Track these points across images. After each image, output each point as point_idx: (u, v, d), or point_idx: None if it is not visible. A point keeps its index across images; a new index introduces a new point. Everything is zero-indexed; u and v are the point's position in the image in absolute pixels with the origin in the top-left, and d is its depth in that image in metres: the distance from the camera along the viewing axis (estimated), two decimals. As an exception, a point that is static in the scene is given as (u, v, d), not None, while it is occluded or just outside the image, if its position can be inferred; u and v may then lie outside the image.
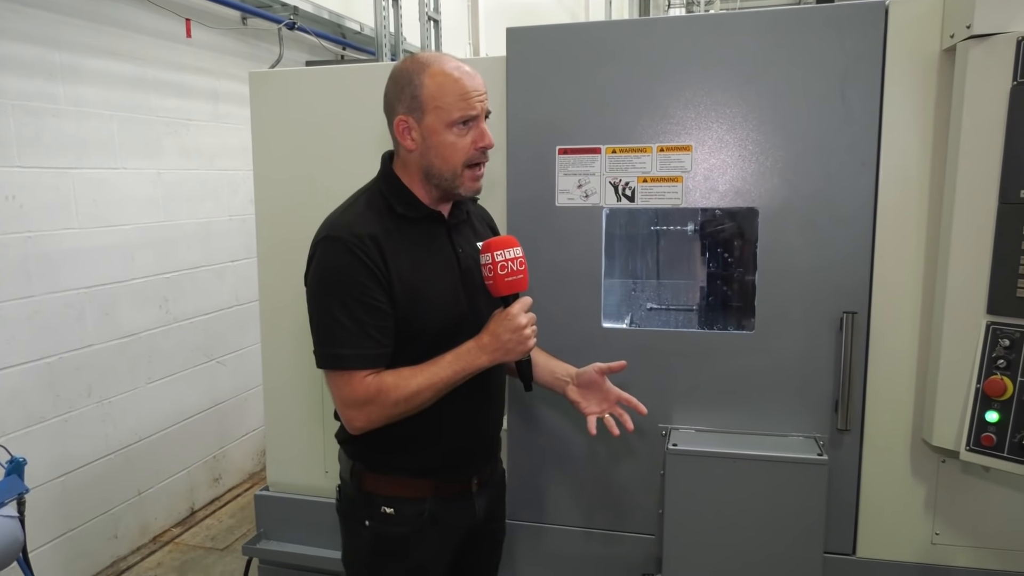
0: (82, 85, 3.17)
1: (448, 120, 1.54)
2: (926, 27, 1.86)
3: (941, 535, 2.02)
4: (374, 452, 1.67)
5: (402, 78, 1.58)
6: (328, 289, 1.53)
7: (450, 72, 1.54)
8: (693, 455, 1.96)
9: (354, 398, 1.53)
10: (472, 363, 1.55)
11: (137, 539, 3.56)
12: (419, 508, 1.66)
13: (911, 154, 1.91)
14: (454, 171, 1.57)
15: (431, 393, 1.53)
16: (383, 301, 1.52)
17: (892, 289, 1.96)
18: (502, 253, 1.57)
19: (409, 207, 1.61)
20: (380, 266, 1.51)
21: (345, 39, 4.99)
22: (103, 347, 3.33)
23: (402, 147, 1.61)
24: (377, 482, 1.67)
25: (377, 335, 1.52)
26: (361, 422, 1.55)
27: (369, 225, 1.55)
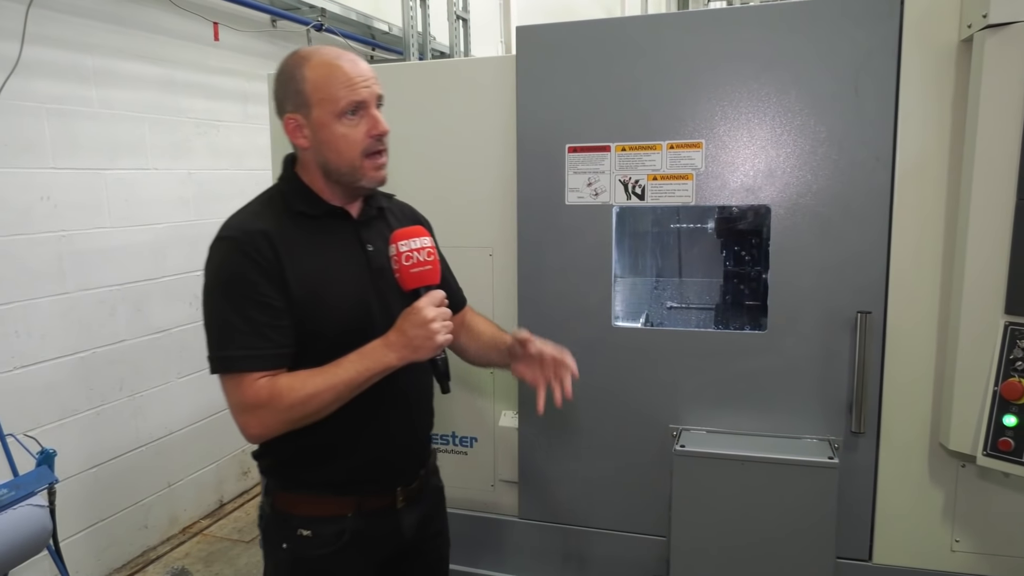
0: (114, 88, 3.26)
1: (335, 110, 1.45)
2: (943, 18, 1.81)
3: (961, 542, 1.96)
4: (287, 468, 1.56)
5: (284, 76, 1.50)
6: (218, 289, 1.43)
7: (331, 61, 1.47)
8: (701, 456, 1.93)
9: (245, 402, 1.40)
10: (379, 362, 1.42)
11: (166, 530, 3.65)
12: (339, 527, 1.54)
13: (928, 149, 1.86)
14: (351, 163, 1.49)
15: (332, 395, 1.41)
16: (277, 299, 1.42)
17: (909, 288, 1.91)
18: (407, 243, 1.48)
19: (308, 204, 1.52)
20: (273, 263, 1.42)
21: (374, 40, 5.04)
22: (135, 342, 3.42)
23: (297, 146, 1.53)
24: (292, 501, 1.55)
25: (272, 334, 1.41)
26: (255, 428, 1.42)
27: (262, 222, 1.46)
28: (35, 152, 2.93)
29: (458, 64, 2.36)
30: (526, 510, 2.32)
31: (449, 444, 2.46)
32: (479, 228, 2.31)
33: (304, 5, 4.17)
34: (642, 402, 2.15)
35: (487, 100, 2.24)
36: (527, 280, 2.21)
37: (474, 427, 2.43)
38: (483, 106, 2.25)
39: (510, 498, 2.37)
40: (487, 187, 2.28)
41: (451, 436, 2.45)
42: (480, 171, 2.28)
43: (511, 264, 2.26)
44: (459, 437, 2.45)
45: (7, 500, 2.26)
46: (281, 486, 1.57)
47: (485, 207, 2.29)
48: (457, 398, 2.42)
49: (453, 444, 2.45)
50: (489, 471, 2.42)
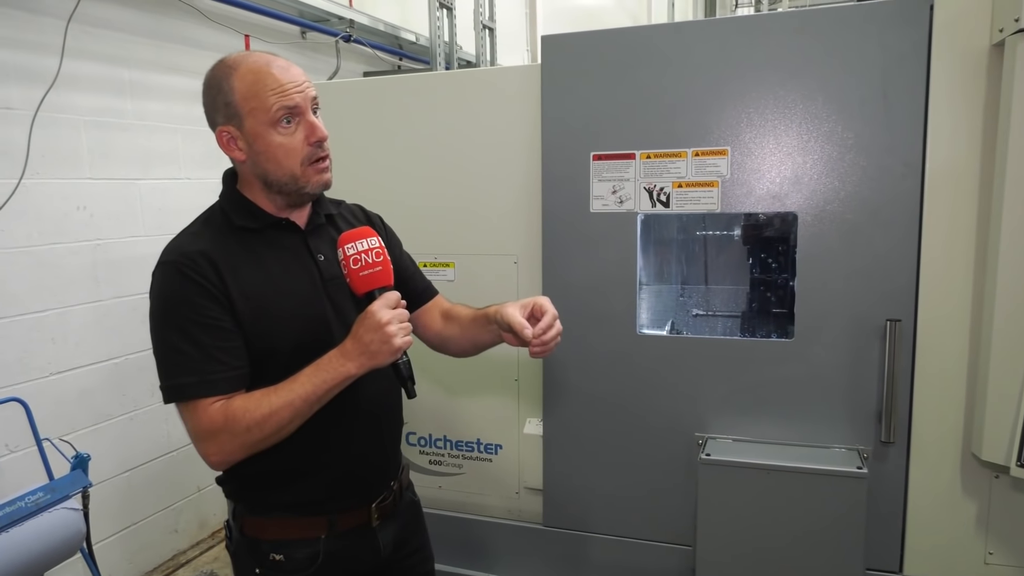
0: (148, 100, 3.34)
1: (269, 119, 1.37)
2: (974, 22, 1.79)
3: (995, 554, 1.92)
4: (253, 491, 1.49)
5: (212, 87, 1.42)
6: (163, 317, 1.37)
7: (259, 68, 1.38)
8: (726, 465, 1.92)
9: (202, 429, 1.34)
10: (336, 373, 1.34)
11: (196, 534, 3.70)
12: (312, 550, 1.48)
13: (959, 155, 1.83)
14: (292, 173, 1.41)
15: (289, 413, 1.33)
16: (224, 320, 1.37)
17: (940, 295, 1.88)
18: (353, 246, 1.40)
19: (249, 217, 1.45)
20: (216, 284, 1.37)
21: (402, 50, 5.10)
22: (166, 349, 3.48)
23: (234, 160, 1.46)
24: (261, 525, 1.49)
25: (223, 356, 1.35)
26: (215, 455, 1.36)
27: (202, 243, 1.40)
28: (72, 163, 3.00)
29: (483, 73, 2.38)
30: (551, 518, 2.32)
31: (474, 451, 2.47)
32: (504, 236, 2.32)
33: (333, 17, 4.24)
34: (667, 410, 2.14)
35: (513, 108, 2.25)
36: (552, 288, 2.22)
37: (499, 434, 2.44)
38: (508, 114, 2.27)
39: (535, 505, 2.37)
40: (512, 195, 2.29)
41: (476, 443, 2.46)
42: (505, 179, 2.30)
43: (536, 272, 2.26)
44: (484, 444, 2.46)
45: (43, 503, 2.31)
46: (248, 510, 1.50)
47: (510, 215, 2.30)
48: (482, 405, 2.44)
49: (478, 451, 2.46)
50: (514, 478, 2.42)
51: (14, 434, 2.73)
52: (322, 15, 4.19)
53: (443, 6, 4.84)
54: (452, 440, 2.49)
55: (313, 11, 4.12)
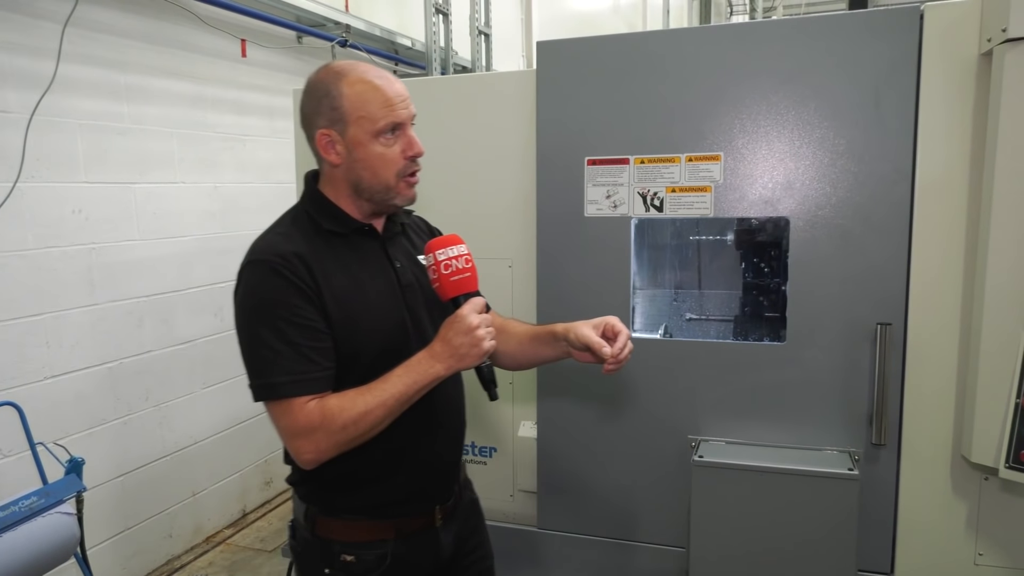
0: (145, 104, 3.35)
1: (374, 130, 1.43)
2: (963, 31, 1.81)
3: (985, 556, 1.94)
4: (328, 493, 1.53)
5: (319, 90, 1.46)
6: (255, 315, 1.39)
7: (370, 79, 1.44)
8: (719, 467, 1.94)
9: (297, 427, 1.37)
10: (426, 374, 1.39)
11: (191, 539, 3.70)
12: (381, 551, 1.52)
13: (949, 161, 1.86)
14: (386, 183, 1.47)
15: (383, 412, 1.37)
16: (318, 320, 1.39)
17: (930, 300, 1.91)
18: (444, 252, 1.43)
19: (337, 222, 1.49)
20: (310, 285, 1.39)
21: (397, 55, 5.11)
22: (161, 353, 3.48)
23: (326, 162, 1.49)
24: (334, 527, 1.52)
25: (316, 356, 1.38)
26: (310, 453, 1.38)
27: (294, 244, 1.43)
28: (68, 167, 3.01)
29: (479, 78, 2.40)
30: (545, 520, 2.33)
31: (468, 454, 2.48)
32: (499, 239, 2.34)
33: (329, 22, 4.25)
34: (661, 413, 2.16)
35: (508, 113, 2.27)
36: (546, 291, 2.23)
37: (493, 437, 2.45)
38: (504, 119, 2.28)
39: (529, 508, 2.38)
40: (507, 199, 2.31)
41: (470, 446, 2.47)
42: (501, 183, 2.32)
43: (530, 275, 2.28)
44: (478, 447, 2.47)
45: (37, 508, 2.31)
46: (322, 511, 1.53)
47: (505, 219, 2.32)
48: (476, 408, 2.45)
49: (472, 454, 2.47)
50: (508, 481, 2.43)
51: (8, 438, 2.72)
52: (318, 20, 4.21)
53: (439, 11, 4.86)
54: (447, 443, 2.50)
55: (310, 16, 4.13)
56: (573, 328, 1.56)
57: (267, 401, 1.39)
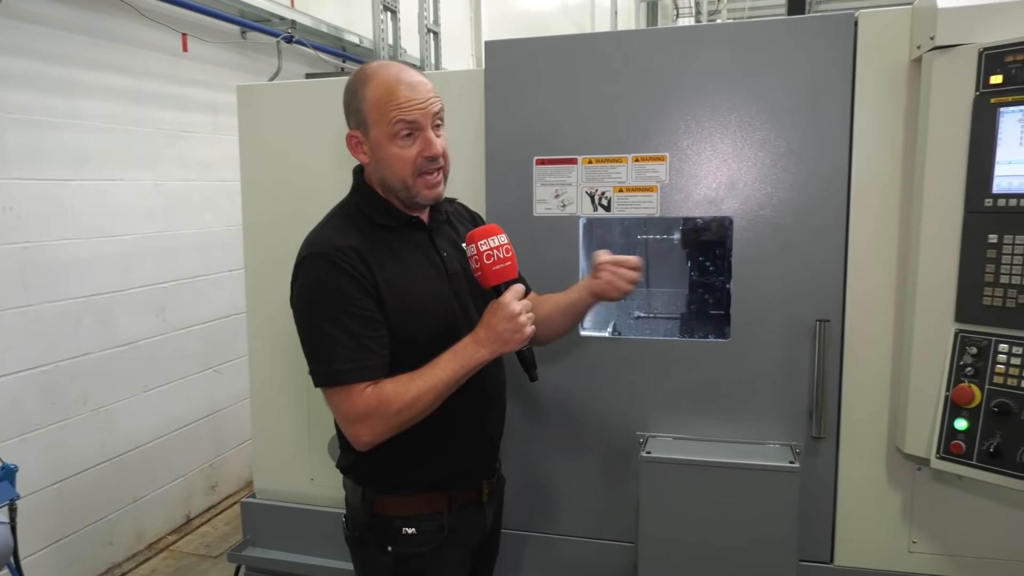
0: (80, 98, 3.24)
1: (389, 132, 1.51)
2: (894, 38, 1.88)
3: (918, 543, 2.02)
4: (383, 473, 1.62)
5: (349, 92, 1.57)
6: (316, 306, 1.50)
7: (390, 82, 1.51)
8: (666, 462, 1.97)
9: (356, 412, 1.48)
10: (471, 359, 1.49)
11: (132, 546, 3.60)
12: (438, 523, 1.62)
13: (882, 163, 1.93)
14: (404, 182, 1.56)
15: (434, 395, 1.48)
16: (374, 311, 1.50)
17: (866, 297, 1.97)
18: (486, 242, 1.53)
19: (387, 216, 1.60)
20: (367, 276, 1.50)
21: (345, 52, 5.05)
22: (100, 355, 3.38)
23: (360, 162, 1.62)
24: (392, 503, 1.62)
25: (373, 346, 1.49)
26: (367, 436, 1.49)
27: (350, 237, 1.53)
28: (-2, 162, 2.90)
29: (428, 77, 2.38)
30: (496, 519, 2.33)
31: (419, 454, 2.46)
32: (449, 239, 2.33)
33: (275, 17, 4.18)
34: (610, 410, 2.18)
35: (456, 113, 2.25)
36: (496, 290, 2.23)
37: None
38: (452, 118, 2.26)
39: (480, 507, 2.38)
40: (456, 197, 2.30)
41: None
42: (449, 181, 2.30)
43: (480, 275, 2.28)
44: (429, 447, 2.46)
45: (-33, 516, 2.22)
46: (379, 490, 1.62)
47: (455, 218, 2.31)
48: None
49: (423, 454, 2.46)
50: (459, 481, 2.43)
51: (-65, 445, 2.61)
52: (263, 15, 4.13)
53: (387, 9, 4.83)
54: (397, 444, 2.48)
55: (254, 11, 4.06)
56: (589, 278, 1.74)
57: (328, 387, 1.50)
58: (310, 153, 2.42)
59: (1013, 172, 1.63)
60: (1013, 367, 1.64)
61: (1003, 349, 1.66)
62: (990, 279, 1.67)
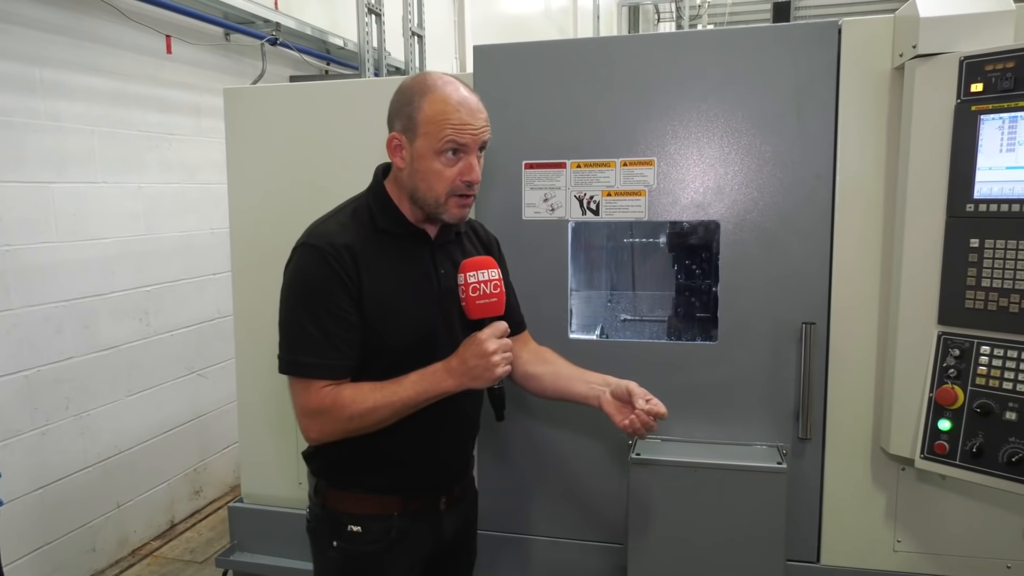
0: (63, 100, 3.20)
1: (437, 148, 1.51)
2: (877, 46, 1.91)
3: (903, 542, 2.05)
4: (338, 470, 1.64)
5: (404, 96, 1.56)
6: (300, 297, 1.53)
7: (451, 101, 1.51)
8: (655, 464, 1.99)
9: (310, 407, 1.51)
10: (437, 385, 1.50)
11: (115, 552, 3.56)
12: (386, 525, 1.62)
13: (865, 168, 1.96)
14: (437, 199, 1.55)
15: (389, 412, 1.50)
16: (352, 313, 1.51)
17: (850, 300, 2.00)
18: (475, 275, 1.53)
19: (392, 222, 1.60)
20: (352, 276, 1.51)
21: (329, 54, 5.04)
22: (82, 360, 3.34)
23: (393, 164, 1.60)
24: (342, 499, 1.64)
25: (342, 346, 1.51)
26: (315, 433, 1.53)
27: (348, 236, 1.54)
28: (-21, 165, 2.86)
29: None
30: (485, 521, 2.33)
31: (408, 458, 2.46)
32: (438, 243, 2.33)
33: (259, 19, 4.16)
34: (599, 413, 2.19)
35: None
36: (485, 294, 2.24)
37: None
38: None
39: (469, 510, 2.39)
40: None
41: (410, 450, 2.46)
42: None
43: (469, 278, 2.28)
44: (418, 451, 2.46)
45: (-51, 524, 2.19)
46: (331, 484, 1.64)
47: (444, 222, 2.32)
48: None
49: (412, 458, 2.46)
50: (448, 484, 2.43)
51: (-86, 452, 2.57)
52: (247, 17, 4.11)
53: (372, 12, 4.82)
54: (385, 447, 2.48)
55: (238, 13, 4.03)
56: (625, 384, 1.67)
57: (290, 376, 1.53)
58: (297, 155, 2.41)
59: (994, 178, 1.67)
60: (995, 368, 1.68)
61: (985, 351, 1.69)
62: (972, 282, 1.71)
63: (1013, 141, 1.64)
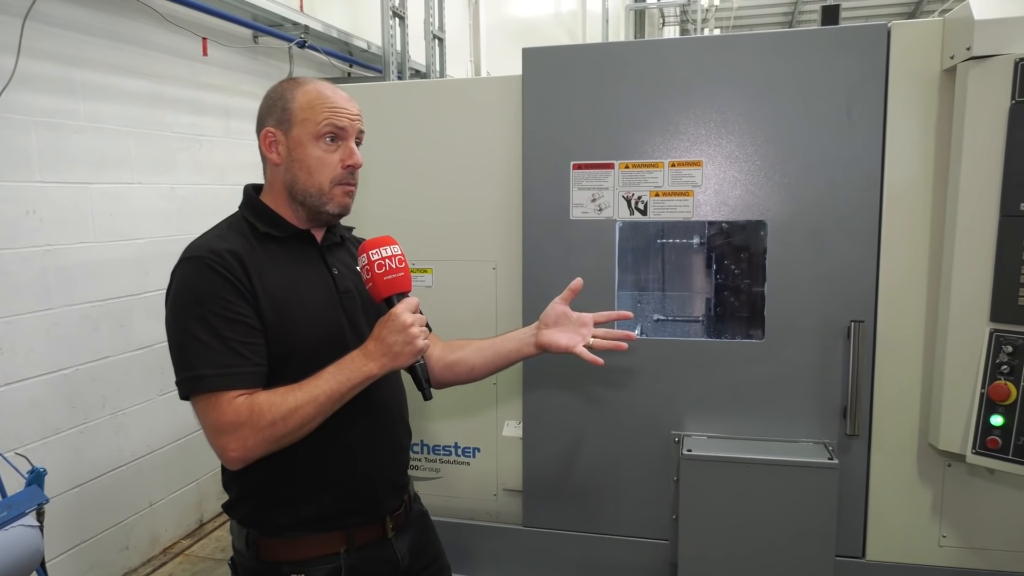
0: (101, 102, 3.24)
1: (315, 132, 1.47)
2: (927, 48, 1.95)
3: (948, 537, 2.08)
4: (267, 512, 1.48)
5: (275, 94, 1.53)
6: (184, 308, 1.38)
7: (323, 90, 1.51)
8: (708, 460, 2.02)
9: (223, 422, 1.34)
10: (358, 371, 1.38)
11: (147, 550, 3.58)
12: (333, 566, 1.48)
13: (914, 169, 1.99)
14: (320, 187, 1.49)
15: (313, 408, 1.36)
16: (250, 316, 1.39)
17: (897, 298, 2.03)
18: (378, 252, 1.45)
19: (274, 226, 1.51)
20: (243, 280, 1.40)
21: (352, 57, 5.08)
22: (117, 359, 3.37)
23: (268, 163, 1.53)
24: (278, 547, 1.47)
25: (245, 351, 1.37)
26: (237, 451, 1.34)
27: (230, 243, 1.44)
28: (23, 165, 2.89)
29: (463, 83, 2.42)
30: (530, 518, 2.37)
31: (452, 455, 2.49)
32: (483, 242, 2.37)
33: (287, 22, 4.20)
34: (644, 409, 2.23)
35: (491, 118, 2.31)
36: (531, 292, 2.28)
37: (477, 437, 2.47)
38: (487, 124, 2.32)
39: (514, 507, 2.42)
40: (491, 202, 2.34)
41: (454, 447, 2.49)
42: (485, 186, 2.35)
43: (514, 277, 2.32)
44: (461, 448, 2.49)
45: (1, 521, 2.22)
46: (264, 533, 1.48)
47: (489, 222, 2.35)
48: (459, 409, 2.47)
49: (456, 455, 2.49)
50: (492, 481, 2.46)
51: (-39, 449, 2.60)
52: (276, 20, 4.15)
53: (396, 15, 4.86)
54: (429, 444, 2.51)
55: (267, 15, 4.07)
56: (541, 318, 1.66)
57: (193, 395, 1.36)
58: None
59: (1048, 178, 1.70)
60: (1049, 365, 1.71)
61: (1038, 348, 1.73)
62: (1025, 280, 1.74)
63: (1068, 142, 1.67)
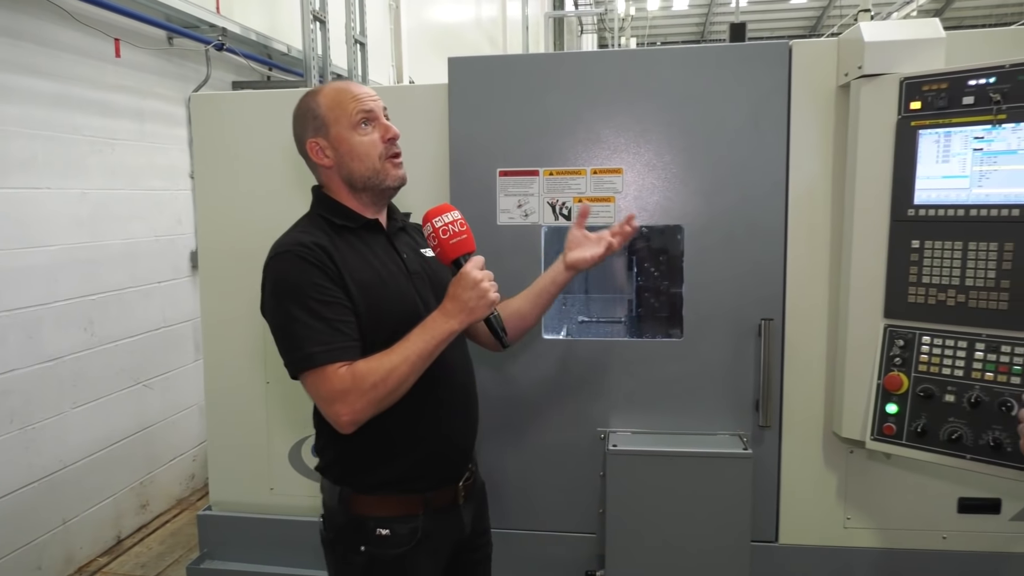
0: (3, 103, 3.09)
1: (351, 123, 1.63)
2: (824, 66, 2.11)
3: (852, 519, 2.24)
4: (357, 472, 1.66)
5: (300, 111, 1.69)
6: (285, 297, 1.55)
7: (339, 86, 1.68)
8: (631, 454, 2.11)
9: (332, 391, 1.51)
10: (441, 330, 1.53)
11: (62, 570, 3.43)
12: (412, 526, 1.66)
13: (815, 176, 2.15)
14: (373, 167, 1.65)
15: (407, 368, 1.51)
16: (342, 298, 1.55)
17: (803, 297, 2.18)
18: (440, 219, 1.59)
19: (347, 218, 1.67)
20: (332, 267, 1.56)
21: (271, 60, 5.00)
22: (26, 371, 3.22)
23: (321, 169, 1.69)
24: (367, 504, 1.65)
25: (344, 328, 1.54)
26: (347, 415, 1.51)
27: (314, 236, 1.60)
28: (-81, 170, 2.74)
29: (390, 91, 2.45)
30: (462, 518, 2.41)
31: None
32: (412, 248, 2.39)
33: (204, 23, 4.10)
34: (572, 408, 2.31)
35: (420, 125, 2.34)
36: (461, 297, 2.32)
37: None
38: (415, 131, 2.34)
39: (445, 508, 2.45)
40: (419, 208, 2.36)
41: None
42: (411, 195, 2.36)
43: (444, 282, 2.36)
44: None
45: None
46: (356, 490, 1.66)
47: (418, 227, 2.38)
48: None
49: (387, 459, 2.50)
50: (423, 483, 2.48)
51: None
52: (192, 21, 4.04)
53: (317, 19, 4.81)
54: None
55: (181, 16, 3.96)
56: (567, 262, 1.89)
57: (304, 371, 1.53)
58: (267, 161, 2.43)
59: (931, 186, 1.87)
60: (935, 356, 1.87)
61: (926, 341, 1.89)
62: (914, 279, 1.90)
63: (948, 153, 1.84)
